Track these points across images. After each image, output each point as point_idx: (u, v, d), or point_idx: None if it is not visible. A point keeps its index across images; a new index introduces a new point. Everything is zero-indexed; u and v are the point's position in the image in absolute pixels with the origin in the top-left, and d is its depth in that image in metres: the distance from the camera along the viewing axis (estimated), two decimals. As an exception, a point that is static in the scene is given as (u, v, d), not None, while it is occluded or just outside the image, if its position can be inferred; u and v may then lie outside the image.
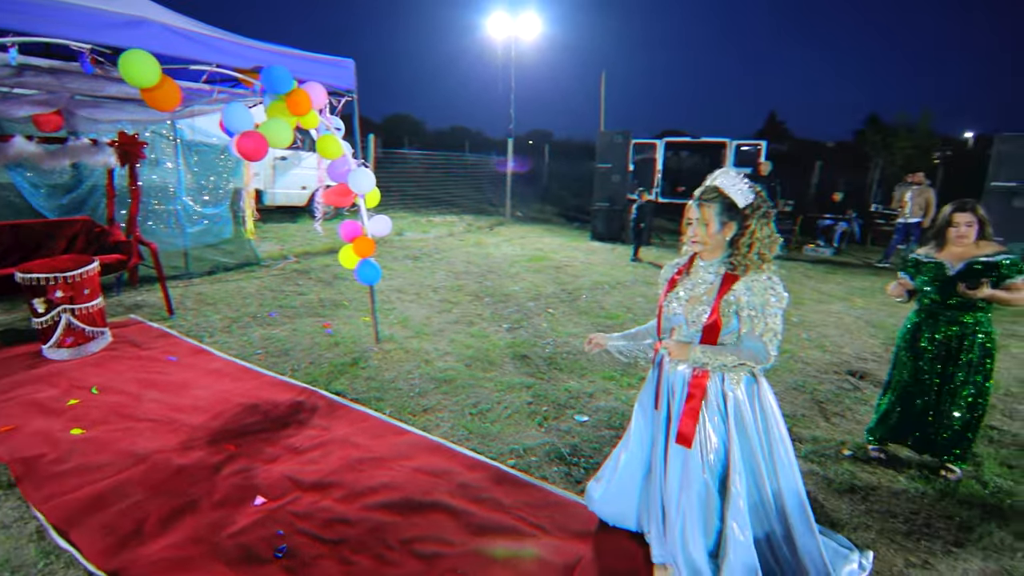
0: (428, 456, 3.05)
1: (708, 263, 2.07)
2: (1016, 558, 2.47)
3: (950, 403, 2.98)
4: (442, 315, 5.74)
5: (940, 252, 2.96)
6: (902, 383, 3.12)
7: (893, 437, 3.21)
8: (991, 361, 2.93)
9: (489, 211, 14.93)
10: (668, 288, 2.16)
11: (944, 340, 2.96)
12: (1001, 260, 2.78)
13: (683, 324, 2.07)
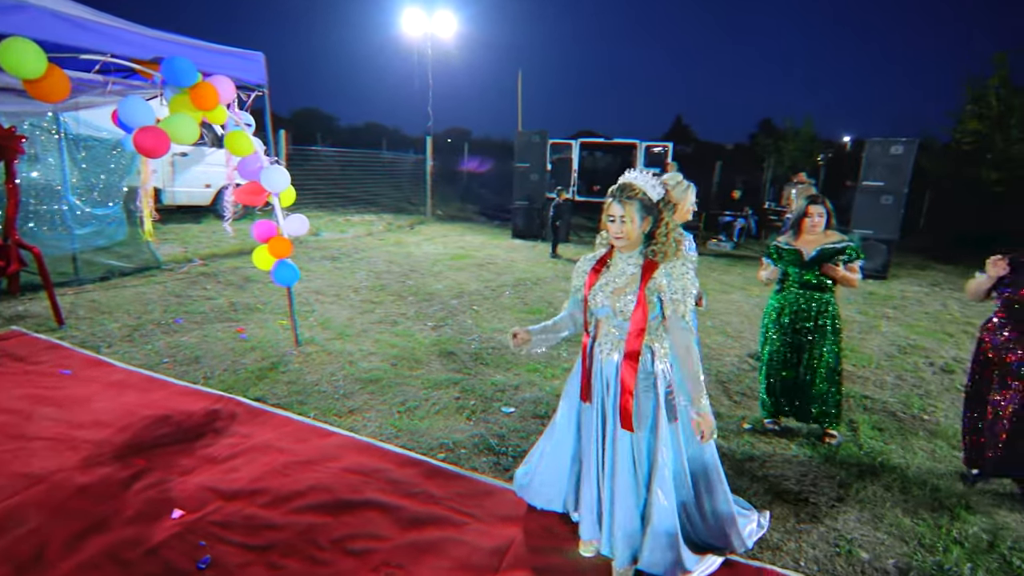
0: (357, 456, 3.04)
1: (628, 255, 2.17)
2: (885, 507, 2.86)
3: (814, 376, 3.39)
4: (365, 316, 5.66)
5: (796, 240, 3.36)
6: (772, 358, 3.50)
7: (778, 410, 3.59)
8: (840, 334, 3.38)
9: (409, 210, 14.76)
10: (591, 282, 2.22)
11: (800, 316, 3.36)
12: (846, 247, 3.24)
13: (610, 315, 2.17)
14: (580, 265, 2.33)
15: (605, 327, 2.21)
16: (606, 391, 2.22)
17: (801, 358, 3.41)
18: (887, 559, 2.48)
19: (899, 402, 4.16)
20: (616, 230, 2.10)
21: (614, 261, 2.22)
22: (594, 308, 2.21)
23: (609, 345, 2.20)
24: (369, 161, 14.80)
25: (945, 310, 7.09)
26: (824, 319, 3.34)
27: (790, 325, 3.41)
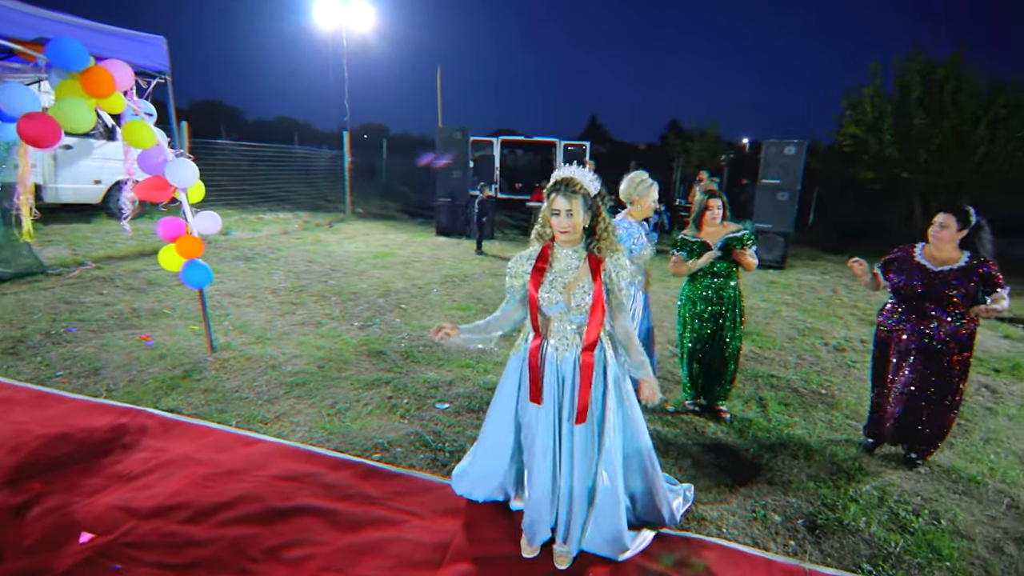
0: (287, 462, 2.91)
1: (571, 250, 2.19)
2: (793, 474, 3.14)
3: (723, 357, 3.66)
4: (285, 318, 5.41)
5: (700, 232, 3.62)
6: (692, 345, 3.74)
7: (697, 391, 3.84)
8: (742, 317, 3.68)
9: (327, 208, 14.21)
10: (537, 281, 2.18)
11: (712, 303, 3.62)
12: (744, 235, 3.54)
13: (564, 311, 2.17)
14: (516, 265, 2.24)
15: (558, 324, 2.20)
16: (561, 388, 2.22)
17: (714, 342, 3.66)
18: (797, 520, 2.73)
19: (800, 379, 4.57)
20: (563, 224, 2.10)
21: (556, 257, 2.19)
22: (545, 307, 2.17)
23: (564, 342, 2.21)
24: (280, 156, 14.09)
25: (835, 296, 7.86)
26: (731, 304, 3.61)
27: (704, 312, 3.65)
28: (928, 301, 3.04)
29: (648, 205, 3.56)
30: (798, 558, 2.47)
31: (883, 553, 2.53)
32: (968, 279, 2.96)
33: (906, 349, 3.13)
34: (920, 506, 2.89)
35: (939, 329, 3.02)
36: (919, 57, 12.11)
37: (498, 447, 2.47)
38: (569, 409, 2.21)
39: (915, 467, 3.23)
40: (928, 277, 3.03)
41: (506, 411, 2.41)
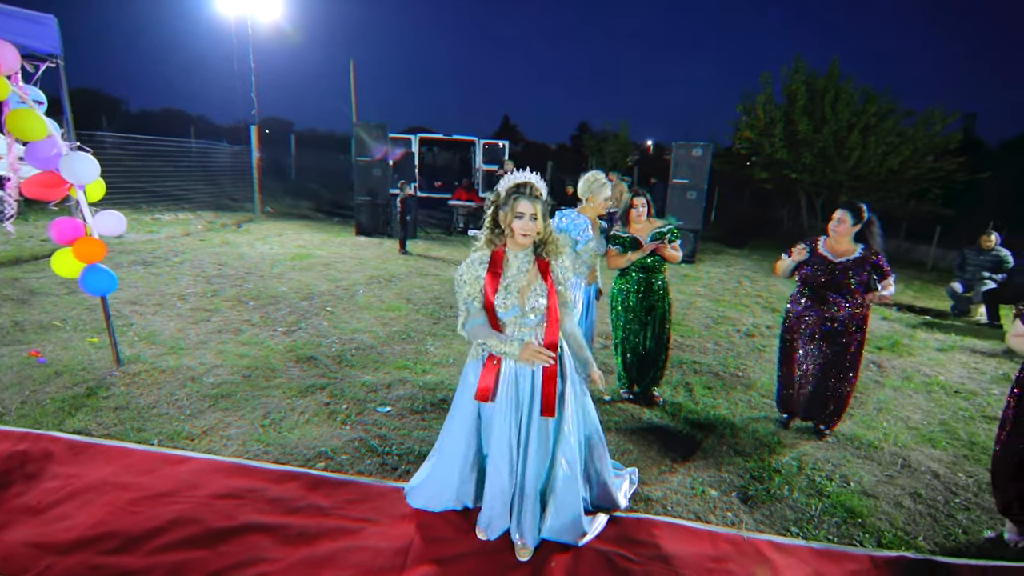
0: (224, 479, 2.72)
1: (522, 254, 2.21)
2: (723, 451, 3.38)
3: (655, 345, 3.88)
4: (199, 326, 5.02)
5: (629, 229, 3.82)
6: (626, 337, 3.93)
7: (631, 381, 4.03)
8: (670, 308, 3.91)
9: (232, 207, 13.28)
10: (492, 286, 2.17)
11: (644, 295, 3.82)
12: (669, 230, 3.74)
13: (519, 315, 2.19)
14: (467, 272, 2.19)
15: (512, 328, 2.22)
16: (518, 387, 2.24)
17: (645, 332, 3.86)
18: (731, 493, 2.96)
19: (719, 364, 4.92)
20: (528, 227, 2.11)
21: (508, 261, 2.20)
22: (501, 312, 2.18)
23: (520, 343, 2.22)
24: (175, 151, 12.97)
25: (740, 287, 8.51)
26: (660, 296, 3.82)
27: (636, 305, 3.84)
28: (830, 289, 3.39)
29: (601, 203, 3.68)
30: (736, 528, 2.68)
31: (806, 516, 2.80)
32: (863, 268, 3.34)
33: (811, 332, 3.47)
34: (832, 472, 3.22)
35: (839, 313, 3.39)
36: (803, 68, 13.38)
37: (456, 458, 2.43)
38: (528, 407, 2.25)
39: (824, 438, 3.60)
40: (830, 267, 3.38)
41: (465, 420, 2.38)
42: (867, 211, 3.38)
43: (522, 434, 2.27)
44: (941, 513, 2.91)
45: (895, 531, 2.73)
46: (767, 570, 2.39)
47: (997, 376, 5.04)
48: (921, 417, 4.08)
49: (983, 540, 2.72)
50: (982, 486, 3.16)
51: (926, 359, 5.48)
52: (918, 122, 12.87)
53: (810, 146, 13.07)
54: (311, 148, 29.00)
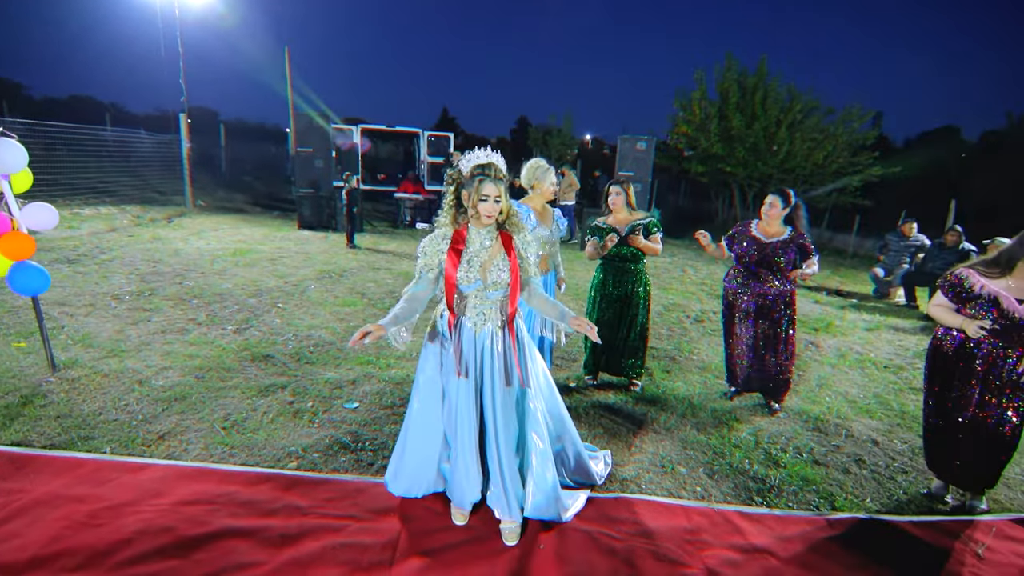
0: (190, 484, 2.59)
1: (485, 231, 2.28)
2: (686, 430, 3.54)
3: (630, 335, 4.00)
4: (139, 326, 4.71)
5: (609, 219, 3.93)
6: (599, 324, 4.03)
7: (599, 367, 4.14)
8: (649, 298, 4.03)
9: (160, 200, 12.45)
10: (454, 261, 2.23)
11: (621, 285, 3.94)
12: (649, 222, 3.87)
13: (480, 288, 2.26)
14: (430, 245, 2.27)
15: (474, 300, 2.29)
16: (481, 359, 2.30)
17: (621, 321, 3.97)
18: (698, 468, 3.11)
19: (674, 348, 5.13)
20: (492, 209, 2.19)
21: (471, 238, 2.28)
22: (464, 285, 2.25)
23: (482, 316, 2.30)
24: (89, 140, 11.97)
25: (685, 275, 8.87)
26: (638, 286, 3.93)
27: (612, 293, 3.94)
28: (762, 267, 3.68)
29: (547, 189, 3.71)
30: (707, 501, 2.82)
31: (767, 486, 2.98)
32: (790, 249, 3.64)
33: (747, 308, 3.75)
34: (786, 444, 3.44)
35: (770, 290, 3.69)
36: (735, 66, 14.04)
37: (430, 436, 2.45)
38: (494, 377, 2.29)
39: (775, 413, 3.84)
40: (761, 247, 3.67)
41: (431, 397, 2.40)
42: (794, 196, 3.68)
43: (487, 409, 2.31)
44: (883, 476, 3.18)
45: (846, 495, 2.96)
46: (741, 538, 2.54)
47: (919, 352, 5.52)
48: (858, 391, 4.42)
49: (920, 497, 3.00)
50: (915, 450, 3.47)
51: (856, 338, 5.93)
52: (838, 120, 13.82)
53: (743, 141, 13.77)
54: (240, 139, 27.58)
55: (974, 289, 2.67)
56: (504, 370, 2.29)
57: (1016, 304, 2.58)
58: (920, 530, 2.71)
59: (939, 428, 2.88)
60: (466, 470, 2.34)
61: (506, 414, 2.32)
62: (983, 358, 2.68)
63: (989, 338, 2.66)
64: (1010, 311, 2.57)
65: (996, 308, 2.61)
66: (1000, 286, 2.63)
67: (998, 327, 2.61)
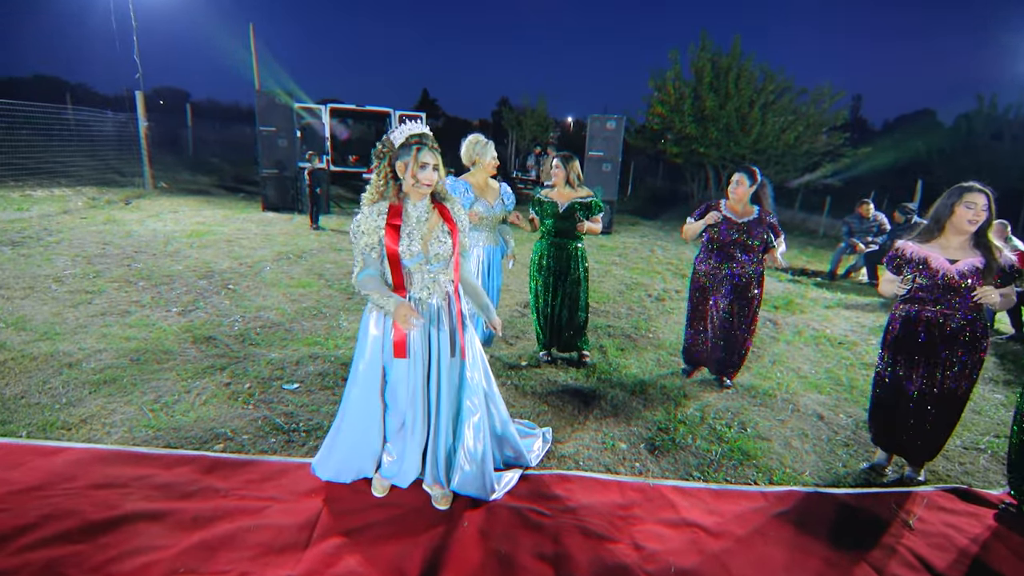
0: (105, 468, 2.48)
1: (419, 203, 2.21)
2: (632, 406, 3.51)
3: (571, 310, 3.94)
4: (79, 309, 4.54)
5: (551, 193, 3.85)
6: (535, 299, 3.98)
7: (550, 344, 4.09)
8: (587, 274, 3.98)
9: (119, 182, 12.04)
10: (394, 236, 2.13)
11: (557, 260, 3.87)
12: (591, 201, 3.80)
13: (422, 261, 2.19)
14: (364, 222, 2.15)
15: (418, 275, 2.23)
16: (428, 333, 2.27)
17: (557, 297, 3.91)
18: (639, 445, 3.08)
19: (631, 327, 5.10)
20: (430, 177, 2.14)
21: (407, 211, 2.20)
22: (406, 259, 2.17)
23: (426, 291, 2.24)
24: (48, 120, 11.52)
25: (653, 255, 8.85)
26: (575, 263, 3.87)
27: (548, 269, 3.88)
28: (734, 247, 3.60)
29: (489, 163, 3.63)
30: (643, 476, 2.79)
31: (707, 461, 2.97)
32: (761, 227, 3.57)
33: (720, 288, 3.69)
34: (731, 419, 3.44)
35: (742, 269, 3.62)
36: (709, 45, 13.93)
37: (367, 425, 2.36)
38: (438, 352, 2.27)
39: (726, 388, 3.83)
40: (735, 227, 3.59)
41: (370, 383, 2.31)
42: (759, 174, 3.61)
43: (432, 379, 2.28)
44: (824, 450, 3.19)
45: (784, 469, 2.96)
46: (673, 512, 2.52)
47: (875, 328, 5.57)
48: (810, 367, 4.44)
49: (859, 471, 3.01)
50: (860, 424, 3.49)
51: (816, 316, 5.97)
52: (810, 100, 13.83)
53: (716, 121, 13.72)
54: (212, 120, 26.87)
55: (906, 254, 2.69)
56: (450, 341, 2.26)
57: (945, 263, 2.58)
58: (854, 501, 2.72)
59: (885, 400, 2.88)
60: (416, 449, 2.31)
61: (451, 386, 2.32)
62: (926, 327, 2.67)
63: (928, 303, 2.65)
64: (938, 269, 2.58)
65: (926, 269, 2.62)
66: (933, 249, 2.64)
67: (928, 288, 2.63)
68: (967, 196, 2.51)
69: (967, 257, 2.58)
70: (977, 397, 4.07)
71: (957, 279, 2.56)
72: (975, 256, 2.57)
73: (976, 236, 2.58)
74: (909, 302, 2.73)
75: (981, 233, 2.56)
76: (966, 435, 3.48)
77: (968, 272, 2.55)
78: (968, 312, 2.61)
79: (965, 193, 2.53)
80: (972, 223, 2.52)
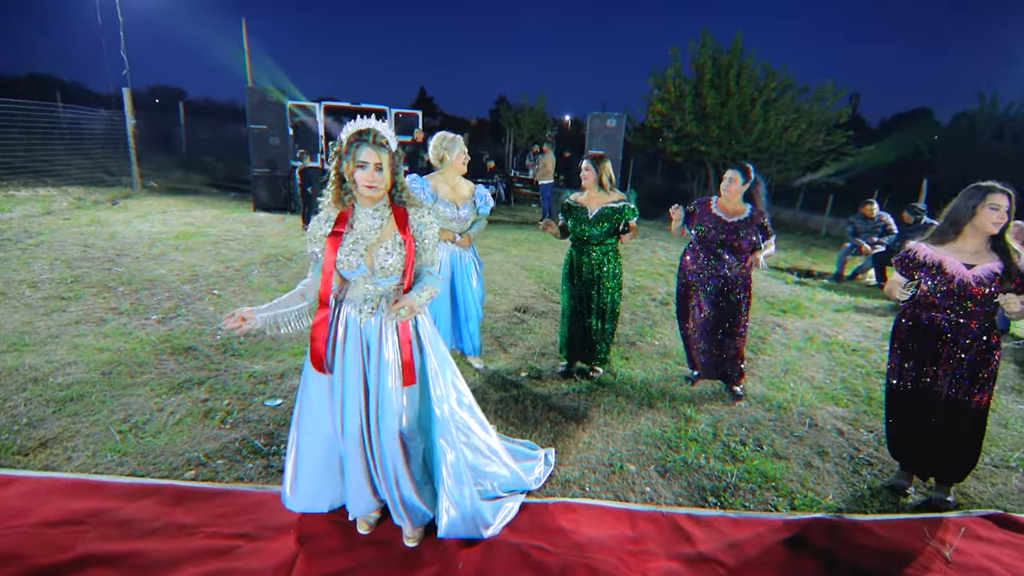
0: (62, 501, 2.24)
1: (371, 209, 1.96)
2: (640, 422, 3.28)
3: (601, 321, 3.72)
4: (51, 317, 4.29)
5: (581, 197, 3.62)
6: (568, 308, 3.75)
7: (573, 355, 3.85)
8: (619, 283, 3.74)
9: (108, 181, 11.75)
10: (334, 245, 1.93)
11: (588, 268, 3.65)
12: (624, 206, 3.56)
13: (366, 274, 1.95)
14: (315, 228, 1.99)
15: (360, 288, 2.00)
16: (366, 354, 2.00)
17: (589, 305, 3.68)
18: (649, 466, 2.85)
19: (636, 333, 4.87)
20: (371, 178, 1.87)
21: (356, 218, 1.97)
22: (346, 271, 1.96)
23: (369, 305, 2.00)
24: (36, 119, 11.24)
25: (655, 256, 8.63)
26: (603, 271, 3.64)
27: (580, 278, 3.65)
28: (722, 247, 3.45)
29: (458, 158, 3.39)
30: (655, 504, 2.56)
31: (723, 484, 2.74)
32: (751, 227, 3.44)
33: (705, 289, 3.53)
34: (745, 436, 3.21)
35: (729, 270, 3.47)
36: (709, 42, 13.69)
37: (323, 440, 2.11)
38: (380, 374, 1.99)
39: (739, 399, 3.62)
40: (724, 226, 3.43)
41: (320, 396, 2.09)
42: (753, 171, 3.46)
43: (373, 407, 2.00)
44: (847, 470, 2.96)
45: (806, 492, 2.73)
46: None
47: (887, 333, 5.34)
48: (824, 376, 4.21)
49: (885, 492, 2.78)
50: (882, 440, 3.26)
51: (825, 320, 5.74)
52: (812, 97, 13.60)
53: (718, 119, 13.48)
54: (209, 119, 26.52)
55: (919, 258, 2.51)
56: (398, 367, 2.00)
57: (962, 268, 2.40)
58: (884, 530, 2.49)
59: (901, 412, 2.68)
60: (358, 477, 2.05)
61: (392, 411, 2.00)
62: (936, 334, 2.49)
63: (942, 309, 2.46)
64: (954, 274, 2.39)
65: (941, 275, 2.43)
66: (948, 252, 2.46)
67: (942, 294, 2.44)
68: (991, 197, 2.33)
69: (984, 262, 2.40)
70: (1000, 408, 3.85)
71: (974, 285, 2.37)
72: (992, 261, 2.39)
73: (994, 239, 2.40)
74: (918, 306, 2.56)
75: (999, 236, 2.39)
76: (994, 451, 3.26)
77: (986, 278, 2.37)
78: (983, 319, 2.42)
79: (988, 194, 2.34)
80: (997, 225, 2.35)
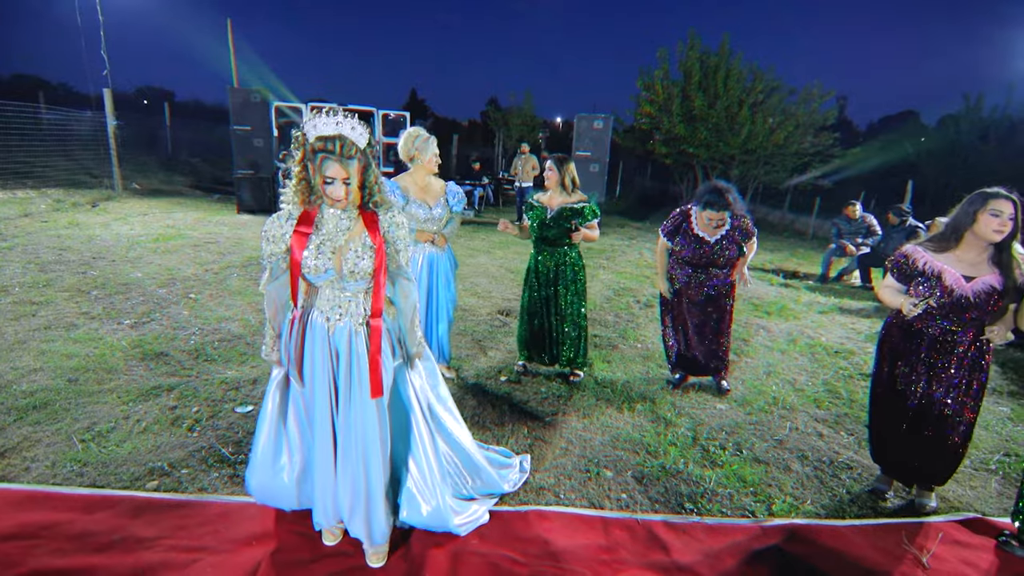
0: (14, 514, 2.16)
1: (341, 211, 1.87)
2: (619, 427, 3.23)
3: (562, 322, 3.66)
4: (19, 322, 4.18)
5: (544, 198, 3.58)
6: (525, 307, 3.71)
7: (531, 356, 3.81)
8: (582, 284, 3.69)
9: (89, 183, 11.57)
10: (301, 245, 1.83)
11: (546, 268, 3.60)
12: (584, 207, 3.51)
13: (335, 277, 1.87)
14: (271, 228, 1.86)
15: (329, 292, 1.90)
16: (334, 362, 1.92)
17: (548, 306, 3.63)
18: (626, 472, 2.80)
19: (618, 336, 4.83)
20: (338, 193, 1.76)
21: (324, 219, 1.87)
22: (312, 275, 1.85)
23: (337, 311, 1.91)
24: (17, 120, 11.04)
25: (641, 258, 8.60)
26: (568, 272, 3.59)
27: (538, 278, 3.60)
28: (709, 264, 3.49)
29: (430, 159, 3.30)
30: (630, 511, 2.51)
31: (700, 490, 2.70)
32: (733, 238, 3.46)
33: (693, 300, 3.57)
34: (725, 440, 3.17)
35: (716, 281, 3.52)
36: (697, 44, 13.72)
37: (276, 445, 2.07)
38: (347, 386, 1.92)
39: (725, 393, 3.70)
40: (707, 247, 3.45)
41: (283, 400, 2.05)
42: (733, 195, 3.35)
43: (343, 419, 1.94)
44: (826, 474, 2.93)
45: (785, 496, 2.70)
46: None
47: (871, 335, 5.35)
48: (806, 379, 4.19)
49: (864, 496, 2.75)
50: (862, 443, 3.24)
51: (810, 322, 5.73)
52: (799, 99, 13.67)
53: (705, 121, 13.51)
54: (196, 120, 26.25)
55: (917, 265, 2.45)
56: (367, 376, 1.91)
57: (961, 280, 2.34)
58: (862, 536, 2.46)
59: (887, 418, 2.65)
60: (323, 487, 1.99)
61: (368, 422, 1.93)
62: (929, 342, 2.45)
63: (936, 318, 2.42)
64: (953, 287, 2.34)
65: (940, 285, 2.37)
66: (948, 261, 2.40)
67: (938, 305, 2.38)
68: (992, 203, 2.26)
69: (982, 273, 2.34)
70: (981, 410, 3.84)
71: (971, 299, 2.32)
72: (991, 274, 2.32)
73: (998, 250, 2.33)
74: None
75: (1003, 247, 2.32)
76: (975, 454, 3.24)
77: (983, 294, 2.31)
78: (978, 330, 2.39)
79: (990, 200, 2.27)
80: (998, 232, 2.26)
